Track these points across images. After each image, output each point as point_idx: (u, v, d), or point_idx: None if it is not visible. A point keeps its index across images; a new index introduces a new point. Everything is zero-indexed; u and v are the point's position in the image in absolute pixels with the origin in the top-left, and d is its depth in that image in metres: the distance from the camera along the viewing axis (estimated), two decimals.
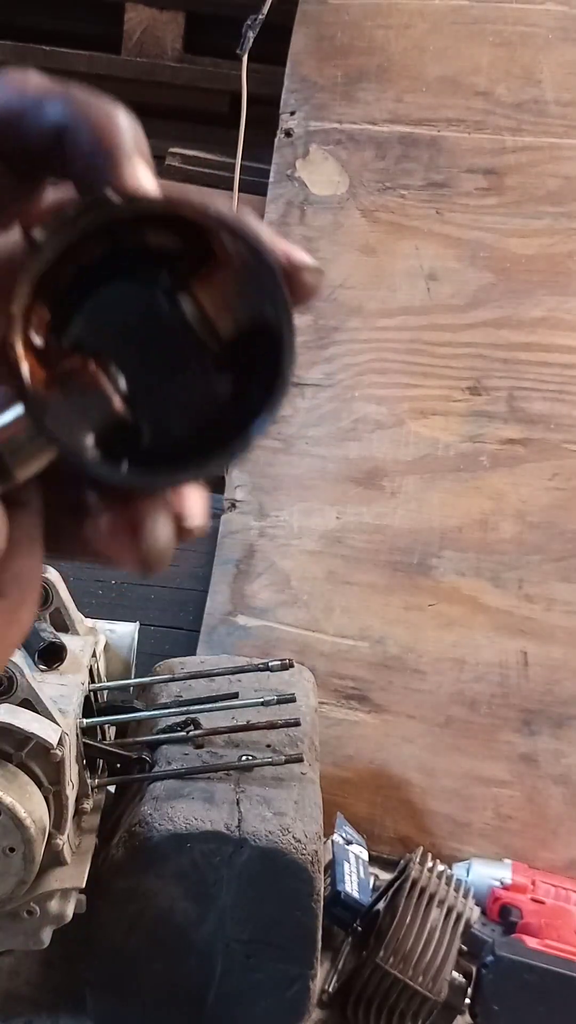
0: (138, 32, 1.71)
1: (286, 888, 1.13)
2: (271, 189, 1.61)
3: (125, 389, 0.27)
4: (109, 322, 0.27)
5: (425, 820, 1.63)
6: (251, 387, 0.27)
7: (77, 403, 0.26)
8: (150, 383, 0.27)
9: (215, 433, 0.27)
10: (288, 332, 0.26)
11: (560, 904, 1.42)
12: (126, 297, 0.27)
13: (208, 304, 0.27)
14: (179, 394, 0.28)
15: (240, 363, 0.27)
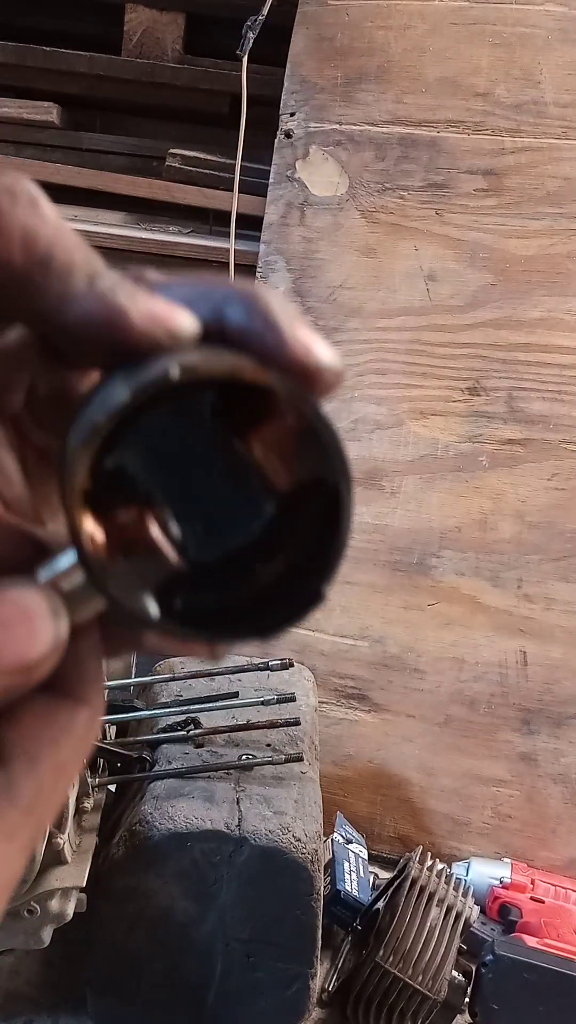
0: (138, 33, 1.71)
1: (286, 887, 1.13)
2: (271, 190, 1.61)
3: (179, 536, 0.27)
4: (157, 454, 0.27)
5: (425, 819, 1.63)
6: (304, 543, 0.27)
7: (137, 565, 0.26)
8: (198, 524, 0.27)
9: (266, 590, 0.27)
10: (347, 502, 0.26)
11: (559, 903, 1.42)
12: (175, 431, 0.27)
13: (265, 455, 0.27)
14: (227, 536, 0.28)
15: (293, 515, 0.27)
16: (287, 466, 0.27)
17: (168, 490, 0.27)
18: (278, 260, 1.62)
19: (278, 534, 0.28)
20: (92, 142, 1.72)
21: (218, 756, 1.23)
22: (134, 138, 1.74)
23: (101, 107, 1.76)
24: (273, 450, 0.27)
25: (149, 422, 0.26)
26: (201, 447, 0.27)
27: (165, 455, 0.27)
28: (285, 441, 0.26)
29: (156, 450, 0.27)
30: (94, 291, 0.25)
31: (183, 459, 0.27)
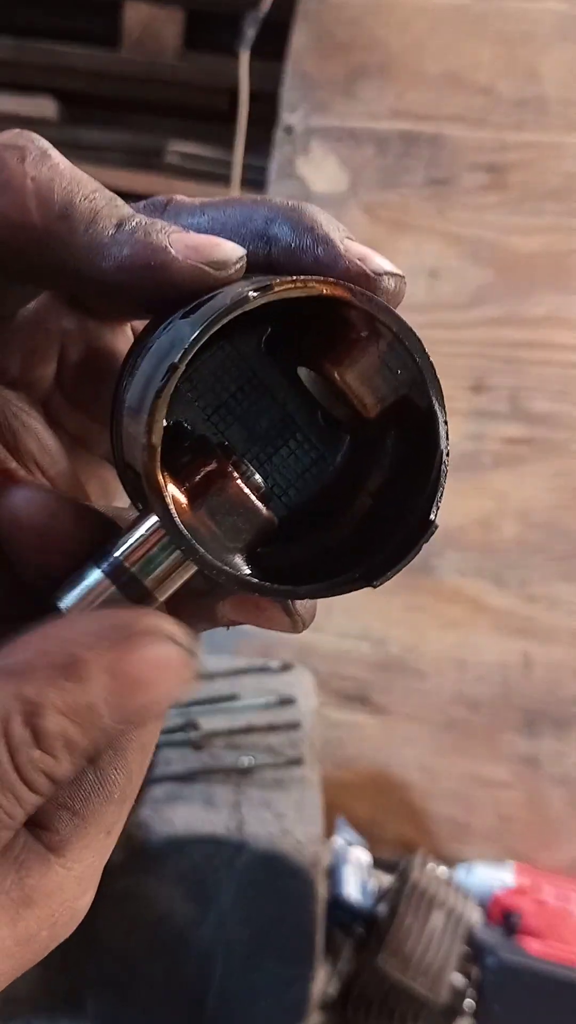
0: (138, 29, 1.70)
1: (287, 890, 1.12)
2: (271, 186, 1.60)
3: (262, 485, 0.25)
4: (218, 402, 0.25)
5: (426, 822, 1.62)
6: (392, 472, 0.25)
7: (227, 524, 0.24)
8: (273, 474, 0.25)
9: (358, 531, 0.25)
10: (441, 415, 0.23)
11: (562, 906, 1.41)
12: (233, 375, 0.25)
13: (337, 382, 0.25)
14: (306, 484, 0.25)
15: (373, 444, 0.25)
16: (374, 389, 0.25)
17: (238, 438, 0.25)
18: None
19: (360, 472, 0.25)
20: (90, 138, 1.71)
21: (218, 759, 1.22)
22: (133, 134, 1.73)
23: (100, 103, 1.75)
24: (356, 374, 0.25)
25: (203, 371, 0.24)
26: (261, 392, 0.25)
27: (224, 407, 0.25)
28: (368, 362, 0.24)
29: (214, 403, 0.25)
30: (126, 235, 0.23)
31: (244, 408, 0.25)
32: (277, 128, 1.60)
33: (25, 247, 0.23)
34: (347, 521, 0.26)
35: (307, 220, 0.24)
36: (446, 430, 0.24)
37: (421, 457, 0.24)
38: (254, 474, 0.25)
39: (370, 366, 0.24)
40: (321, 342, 0.25)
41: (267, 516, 0.24)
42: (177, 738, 1.24)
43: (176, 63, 1.68)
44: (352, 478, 0.26)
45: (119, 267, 0.23)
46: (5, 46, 1.68)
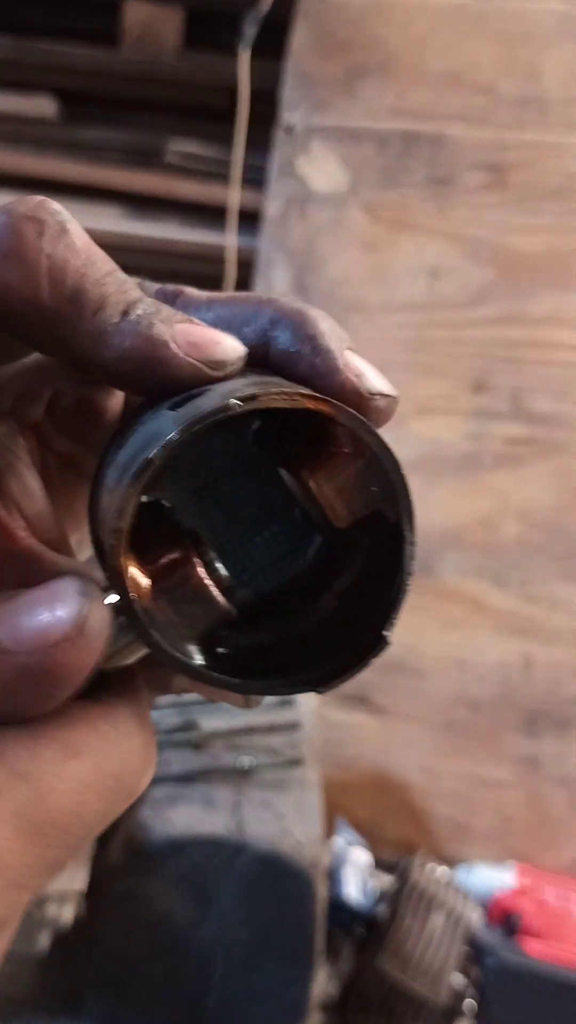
0: (137, 27, 1.70)
1: (287, 891, 1.12)
2: (271, 185, 1.60)
3: (226, 577, 0.25)
4: (197, 488, 0.25)
5: (427, 822, 1.62)
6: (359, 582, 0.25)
7: (184, 611, 0.24)
8: (239, 556, 0.25)
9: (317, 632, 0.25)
10: (410, 537, 0.24)
11: (563, 906, 1.41)
12: (217, 463, 0.25)
13: (317, 487, 0.25)
14: (274, 575, 0.26)
15: (345, 552, 0.25)
16: (346, 500, 0.25)
17: (211, 527, 0.25)
18: (278, 256, 1.61)
19: (329, 572, 0.26)
20: (90, 137, 1.71)
21: (218, 760, 1.22)
22: (133, 133, 1.72)
23: (100, 102, 1.75)
24: (330, 484, 0.25)
25: (190, 454, 0.24)
26: (242, 479, 0.25)
27: (204, 487, 0.25)
28: (344, 474, 0.25)
29: (195, 482, 0.25)
30: (130, 325, 0.23)
31: (226, 493, 0.25)
32: (277, 127, 1.59)
33: (33, 322, 0.24)
34: (312, 618, 0.26)
35: (309, 327, 0.24)
36: (412, 551, 0.24)
37: (387, 571, 0.24)
38: (218, 566, 0.25)
39: (347, 480, 0.25)
40: (303, 448, 0.25)
41: (225, 608, 0.25)
42: (177, 738, 1.23)
43: (176, 62, 1.67)
44: (322, 576, 0.26)
45: (119, 357, 0.23)
46: (4, 45, 1.68)
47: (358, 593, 0.25)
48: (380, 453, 0.24)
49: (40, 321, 0.23)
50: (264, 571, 0.26)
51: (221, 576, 0.25)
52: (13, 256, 0.23)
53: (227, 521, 0.25)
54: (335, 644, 0.25)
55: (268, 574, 0.26)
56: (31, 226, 0.23)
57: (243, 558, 0.26)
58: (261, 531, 0.26)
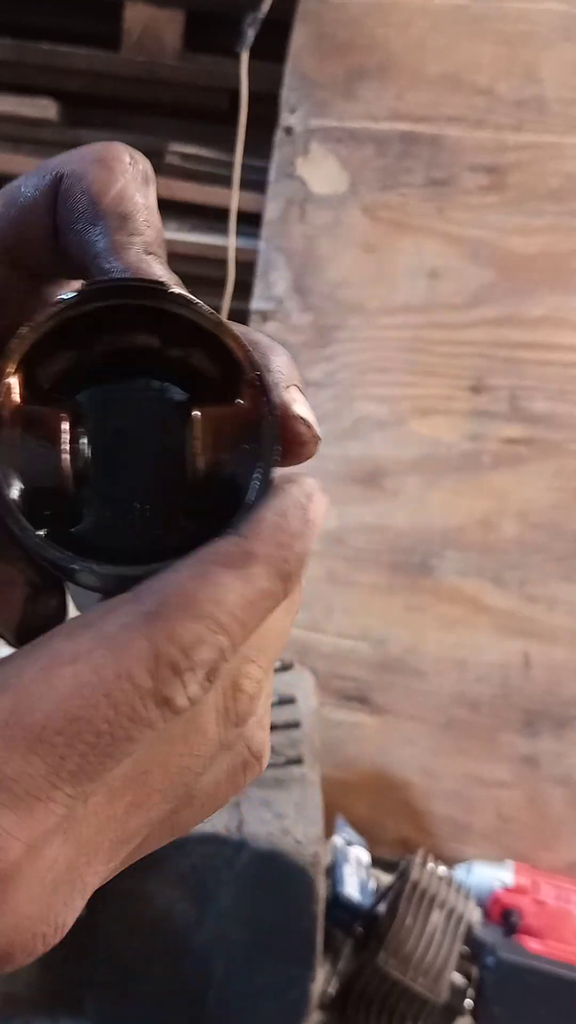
0: (138, 30, 1.70)
1: (287, 890, 1.12)
2: (271, 187, 1.60)
3: (82, 465, 0.25)
4: (106, 405, 0.26)
5: (426, 822, 1.62)
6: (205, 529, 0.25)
7: (29, 445, 0.24)
8: (111, 478, 0.26)
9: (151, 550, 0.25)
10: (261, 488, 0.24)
11: (562, 905, 1.41)
12: (132, 390, 0.27)
13: (202, 434, 0.25)
14: (131, 501, 0.26)
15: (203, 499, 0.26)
16: (218, 448, 0.26)
17: (98, 438, 0.26)
18: (278, 257, 1.61)
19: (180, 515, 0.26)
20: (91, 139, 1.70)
21: None
22: (133, 135, 1.73)
23: (100, 104, 1.75)
24: (213, 427, 0.26)
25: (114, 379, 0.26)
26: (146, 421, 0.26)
27: (111, 412, 0.26)
28: (226, 425, 0.25)
29: (107, 404, 0.26)
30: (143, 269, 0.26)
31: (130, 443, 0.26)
32: (277, 129, 1.60)
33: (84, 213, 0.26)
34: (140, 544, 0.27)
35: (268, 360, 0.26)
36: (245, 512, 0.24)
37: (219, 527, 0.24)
38: (86, 449, 0.25)
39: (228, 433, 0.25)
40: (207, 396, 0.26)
41: (65, 465, 0.25)
42: None
43: (176, 64, 1.68)
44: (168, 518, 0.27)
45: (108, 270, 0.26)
46: (5, 47, 1.68)
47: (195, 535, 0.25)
48: (268, 418, 0.25)
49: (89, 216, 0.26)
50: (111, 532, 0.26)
51: (80, 451, 0.25)
52: (102, 162, 0.26)
53: (115, 456, 0.26)
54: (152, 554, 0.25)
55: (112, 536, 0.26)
56: (127, 155, 0.27)
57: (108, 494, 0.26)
58: (133, 500, 0.26)
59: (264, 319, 1.61)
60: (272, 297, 1.61)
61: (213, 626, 0.22)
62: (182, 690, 0.22)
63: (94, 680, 0.21)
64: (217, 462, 0.25)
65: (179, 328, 0.25)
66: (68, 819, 0.22)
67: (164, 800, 0.25)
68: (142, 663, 0.21)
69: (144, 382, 0.27)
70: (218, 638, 0.22)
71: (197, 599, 0.22)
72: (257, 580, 0.23)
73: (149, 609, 0.22)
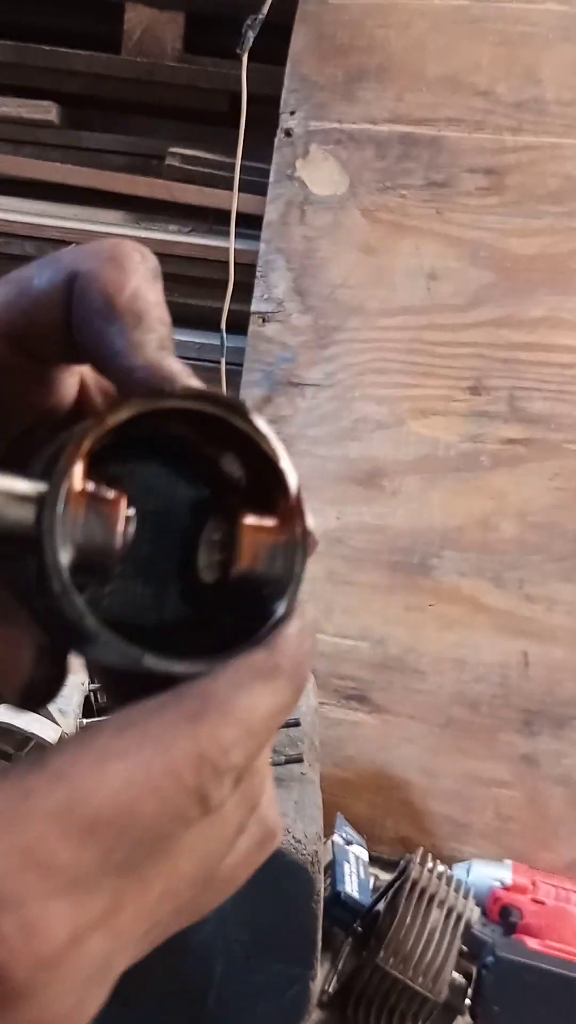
0: (138, 32, 1.70)
1: (286, 889, 1.12)
2: (271, 189, 1.60)
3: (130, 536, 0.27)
4: (147, 492, 0.28)
5: (425, 821, 1.63)
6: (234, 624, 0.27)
7: (86, 524, 0.25)
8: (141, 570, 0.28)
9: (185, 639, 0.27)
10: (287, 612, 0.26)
11: (561, 905, 1.41)
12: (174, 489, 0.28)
13: (242, 539, 0.27)
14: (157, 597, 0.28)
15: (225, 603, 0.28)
16: (252, 554, 0.27)
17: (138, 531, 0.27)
18: (278, 259, 1.61)
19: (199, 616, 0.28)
20: (91, 141, 1.71)
21: None
22: (133, 137, 1.73)
23: (101, 106, 1.76)
24: (251, 533, 0.27)
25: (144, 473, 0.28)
26: (182, 517, 0.28)
27: (152, 505, 0.28)
28: (267, 538, 0.27)
29: (147, 497, 0.28)
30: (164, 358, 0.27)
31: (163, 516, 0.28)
32: (277, 131, 1.60)
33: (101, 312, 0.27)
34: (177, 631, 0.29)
35: None
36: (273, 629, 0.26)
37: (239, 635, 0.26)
38: (131, 526, 0.27)
39: (265, 543, 0.27)
40: (244, 501, 0.28)
41: (114, 553, 0.26)
42: None
43: (176, 66, 1.68)
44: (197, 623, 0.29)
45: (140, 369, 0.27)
46: (6, 49, 1.69)
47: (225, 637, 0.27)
48: (301, 539, 0.27)
49: (106, 315, 0.27)
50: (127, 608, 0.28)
51: (128, 532, 0.27)
52: (115, 261, 0.28)
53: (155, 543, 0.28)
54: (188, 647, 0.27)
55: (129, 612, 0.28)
56: (138, 254, 0.28)
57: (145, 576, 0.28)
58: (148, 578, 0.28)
59: (264, 320, 1.62)
60: (272, 299, 1.62)
61: (248, 731, 0.24)
62: (218, 789, 0.23)
63: (143, 776, 0.22)
64: (253, 568, 0.27)
65: (222, 429, 0.27)
66: (111, 910, 0.23)
67: (191, 887, 0.26)
68: (187, 762, 0.23)
69: (184, 470, 0.28)
70: (250, 743, 0.24)
71: (236, 706, 0.24)
72: (282, 692, 0.25)
73: (193, 711, 0.23)
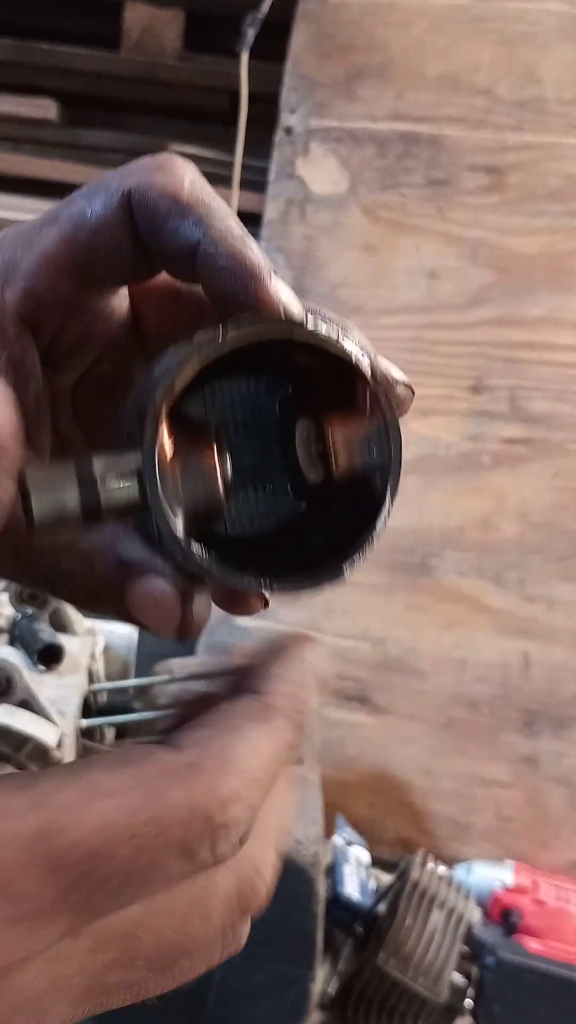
0: (138, 30, 1.70)
1: (287, 890, 1.12)
2: (271, 187, 1.60)
3: (229, 477, 0.28)
4: (227, 415, 0.29)
5: (426, 821, 1.62)
6: (341, 523, 0.28)
7: (187, 482, 0.27)
8: (248, 479, 0.29)
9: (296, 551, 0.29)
10: (391, 496, 0.28)
11: (561, 905, 1.41)
12: (253, 398, 0.29)
13: (335, 436, 0.29)
14: (270, 500, 0.30)
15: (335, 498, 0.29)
16: (347, 451, 0.29)
17: (234, 446, 0.29)
18: (278, 257, 1.61)
19: (317, 512, 0.29)
20: (91, 139, 1.71)
21: None
22: (133, 135, 1.73)
23: (100, 104, 1.76)
24: (343, 434, 0.29)
25: (223, 393, 0.29)
26: (262, 432, 0.29)
27: (228, 426, 0.29)
28: (357, 431, 0.29)
29: (229, 415, 0.29)
30: (247, 246, 0.27)
31: (242, 436, 0.29)
32: (277, 129, 1.60)
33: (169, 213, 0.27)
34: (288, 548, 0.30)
35: None
36: (387, 517, 0.28)
37: (364, 527, 0.28)
38: (227, 464, 0.28)
39: (357, 436, 0.29)
40: (327, 399, 0.29)
41: (220, 498, 0.28)
42: None
43: (176, 64, 1.68)
44: (300, 528, 0.30)
45: (228, 267, 0.27)
46: (6, 47, 1.68)
47: (337, 536, 0.28)
48: (391, 424, 0.28)
49: (176, 213, 0.27)
50: (244, 518, 0.29)
51: (227, 473, 0.28)
52: (163, 168, 0.28)
53: (248, 450, 0.29)
54: (302, 564, 0.28)
55: (247, 521, 0.29)
56: (180, 159, 0.29)
57: (251, 487, 0.29)
58: (255, 483, 0.29)
59: None
60: None
61: (249, 782, 0.23)
62: (209, 845, 0.22)
63: (124, 820, 0.21)
64: (351, 463, 0.28)
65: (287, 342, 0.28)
66: (55, 950, 0.22)
67: (148, 969, 0.25)
68: (177, 813, 0.22)
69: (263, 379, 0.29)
70: (252, 794, 0.23)
71: (236, 754, 0.23)
72: (281, 733, 0.24)
73: (190, 760, 0.22)
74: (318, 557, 0.28)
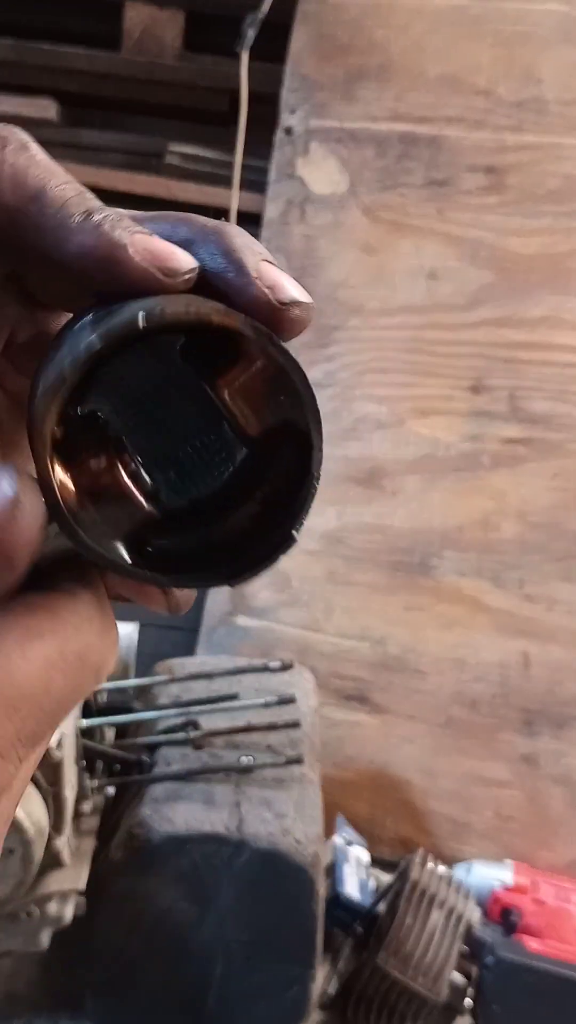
0: (138, 30, 1.70)
1: (286, 890, 1.12)
2: (271, 187, 1.60)
3: (149, 484, 0.27)
4: (127, 399, 0.27)
5: (426, 821, 1.62)
6: (276, 488, 0.27)
7: (108, 512, 0.26)
8: (167, 465, 0.27)
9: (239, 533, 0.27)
10: (317, 444, 0.26)
11: (561, 905, 1.41)
12: (146, 376, 0.27)
13: (235, 400, 0.27)
14: (198, 482, 0.28)
15: (264, 460, 0.27)
16: (257, 411, 0.27)
17: (138, 436, 0.27)
18: (278, 257, 1.60)
19: (250, 479, 0.27)
20: (91, 139, 1.71)
21: (218, 758, 1.22)
22: (133, 135, 1.73)
23: (100, 104, 1.76)
24: (243, 395, 0.26)
25: (120, 367, 0.26)
26: (172, 392, 0.27)
27: (136, 400, 0.27)
28: (254, 386, 0.26)
29: (127, 395, 0.26)
30: (92, 225, 0.24)
31: (154, 404, 0.27)
32: (277, 129, 1.60)
33: None
34: (235, 522, 0.28)
35: (224, 242, 0.26)
36: (319, 458, 0.26)
37: (300, 476, 0.26)
38: (142, 472, 0.27)
39: (257, 391, 0.26)
40: (222, 362, 0.27)
41: (147, 511, 0.27)
42: (177, 737, 1.24)
43: (176, 64, 1.68)
44: (246, 485, 0.28)
45: (80, 253, 0.24)
46: (6, 47, 1.68)
47: (275, 498, 0.27)
48: (286, 364, 0.25)
49: (3, 223, 0.25)
50: (193, 479, 0.28)
51: (145, 482, 0.27)
52: None
53: (157, 432, 0.27)
54: (251, 544, 0.27)
55: (197, 482, 0.28)
56: None
57: (173, 467, 0.27)
58: (190, 442, 0.27)
59: None
60: None
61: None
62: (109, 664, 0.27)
63: (58, 656, 0.24)
64: (263, 418, 0.27)
65: None
66: (15, 777, 0.25)
67: None
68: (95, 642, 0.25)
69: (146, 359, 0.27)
70: None
71: None
72: None
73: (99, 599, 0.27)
74: (268, 522, 0.27)
